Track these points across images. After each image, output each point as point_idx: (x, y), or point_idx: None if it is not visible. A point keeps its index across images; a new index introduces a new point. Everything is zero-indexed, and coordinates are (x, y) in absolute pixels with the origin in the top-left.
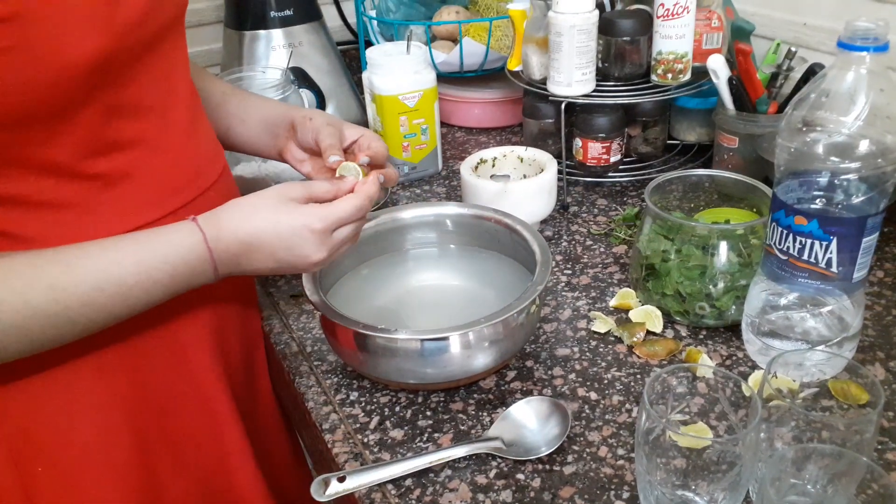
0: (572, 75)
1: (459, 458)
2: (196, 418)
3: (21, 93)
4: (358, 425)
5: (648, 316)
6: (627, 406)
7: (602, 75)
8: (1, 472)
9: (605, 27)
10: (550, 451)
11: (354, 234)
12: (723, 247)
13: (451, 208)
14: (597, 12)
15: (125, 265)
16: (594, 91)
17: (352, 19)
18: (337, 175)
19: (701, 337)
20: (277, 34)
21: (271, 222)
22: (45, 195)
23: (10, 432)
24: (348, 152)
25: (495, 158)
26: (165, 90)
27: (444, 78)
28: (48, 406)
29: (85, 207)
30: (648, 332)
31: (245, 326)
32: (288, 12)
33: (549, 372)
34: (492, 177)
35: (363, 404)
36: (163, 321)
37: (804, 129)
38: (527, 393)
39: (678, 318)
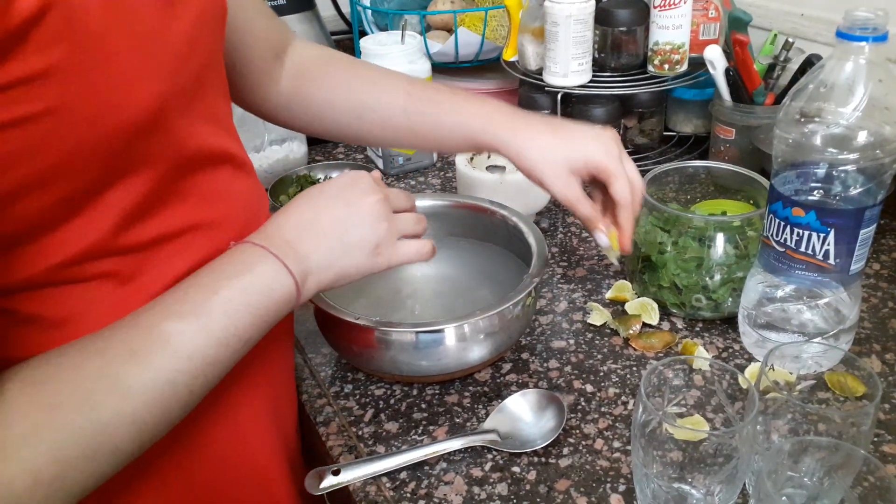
0: (568, 66)
1: (455, 451)
2: (253, 490)
3: (63, 163)
4: (352, 418)
5: (644, 308)
6: (623, 398)
7: (598, 66)
8: None
9: (602, 17)
10: (546, 443)
11: (415, 224)
12: (719, 239)
13: (447, 200)
14: (593, 2)
15: (214, 325)
16: (590, 82)
17: (345, 9)
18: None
19: (697, 329)
20: None
21: (307, 192)
22: (82, 272)
23: None
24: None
25: None
26: (220, 126)
27: (439, 68)
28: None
29: (122, 278)
30: (644, 325)
31: (288, 383)
32: (281, 1)
33: (545, 364)
34: (487, 168)
35: (358, 397)
36: (220, 389)
37: (802, 120)
38: (522, 385)
39: (674, 311)
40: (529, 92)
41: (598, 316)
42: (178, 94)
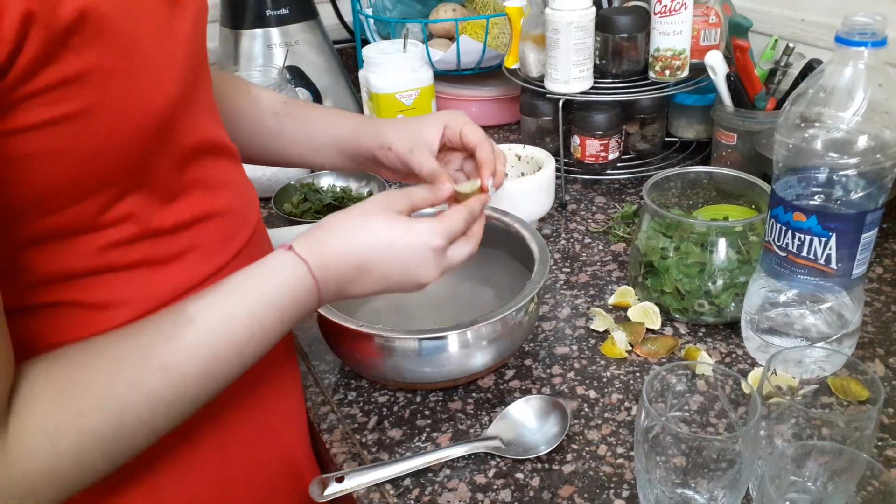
0: (570, 72)
1: (458, 458)
2: (284, 483)
3: (97, 160)
4: (356, 425)
5: (647, 313)
6: (626, 404)
7: (600, 72)
8: None
9: (603, 24)
10: (549, 450)
11: (470, 250)
12: (721, 244)
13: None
14: (594, 9)
15: (234, 322)
16: (592, 88)
17: (348, 17)
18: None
19: (700, 334)
20: (274, 33)
21: (386, 241)
22: (115, 259)
23: None
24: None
25: None
26: (215, 119)
27: (441, 76)
28: (134, 484)
29: (155, 262)
30: (648, 330)
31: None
32: (284, 11)
33: (548, 370)
34: None
35: (361, 404)
36: (248, 384)
37: (802, 124)
38: (525, 392)
39: (677, 316)
40: (531, 99)
41: (601, 322)
42: (185, 91)
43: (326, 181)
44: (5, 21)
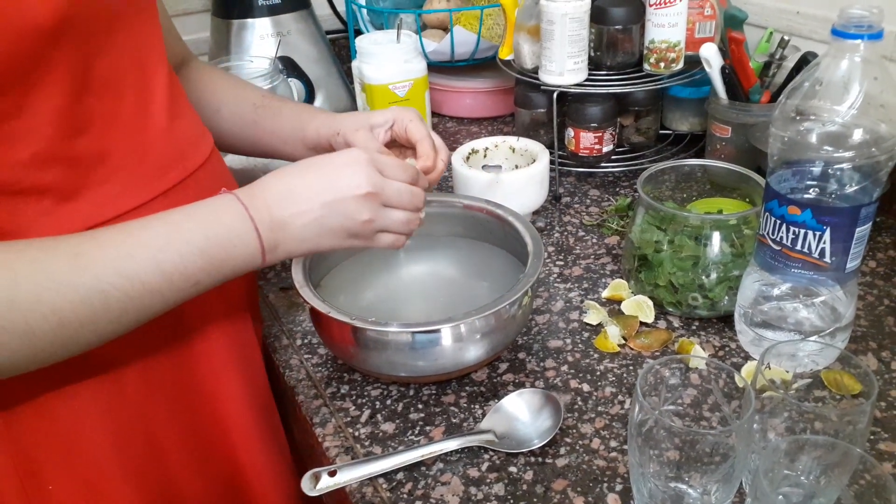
0: (564, 64)
1: (451, 452)
2: (205, 416)
3: None
4: (349, 419)
5: (640, 307)
6: (620, 398)
7: (594, 64)
8: (8, 494)
9: (598, 15)
10: (543, 443)
11: (404, 218)
12: (715, 237)
13: (442, 199)
14: (589, 0)
15: (164, 258)
16: (586, 80)
17: (341, 7)
18: None
19: (693, 328)
20: (265, 23)
21: (306, 161)
22: (18, 179)
23: (15, 451)
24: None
25: (487, 149)
26: (139, 68)
27: (434, 67)
28: (55, 417)
29: (63, 193)
30: (641, 324)
31: (245, 324)
32: (276, 0)
33: (542, 364)
34: (483, 167)
35: (354, 398)
36: (170, 317)
37: (797, 118)
38: (519, 385)
39: (671, 309)
40: (525, 90)
41: (595, 315)
42: (86, 14)
43: None
44: None
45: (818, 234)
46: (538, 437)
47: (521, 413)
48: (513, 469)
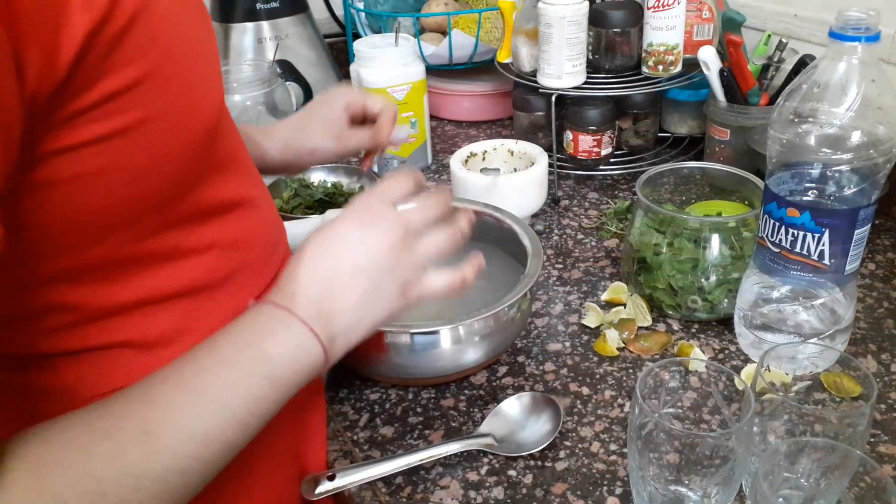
0: (562, 67)
1: (451, 455)
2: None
3: (152, 174)
4: (348, 423)
5: (639, 309)
6: (619, 401)
7: (592, 67)
8: None
9: (596, 18)
10: (542, 447)
11: (441, 238)
12: (715, 240)
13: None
14: (587, 3)
15: (234, 404)
16: (585, 83)
17: (339, 11)
18: None
19: (693, 331)
20: (264, 26)
21: (322, 237)
22: (163, 287)
23: None
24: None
25: (485, 152)
26: (237, 136)
27: (433, 70)
28: None
29: (202, 289)
30: (640, 327)
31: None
32: (274, 4)
33: (541, 367)
34: (482, 170)
35: (353, 401)
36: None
37: (796, 120)
38: (518, 388)
39: (670, 312)
40: (524, 94)
41: (594, 318)
42: (223, 102)
43: (318, 176)
44: (69, 32)
45: (817, 236)
46: (537, 441)
47: (520, 416)
48: (512, 473)
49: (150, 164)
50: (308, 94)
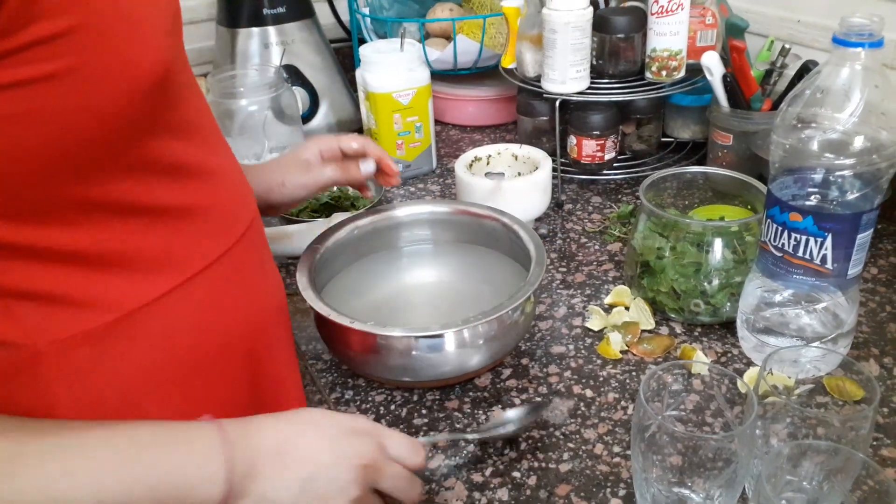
0: (566, 73)
1: (455, 457)
2: None
3: (86, 122)
4: None
5: (642, 313)
6: (623, 403)
7: (596, 73)
8: None
9: (600, 24)
10: (516, 429)
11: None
12: (717, 244)
13: (446, 206)
14: (591, 9)
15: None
16: (588, 88)
17: (345, 17)
18: None
19: (696, 334)
20: (270, 32)
21: (310, 416)
22: (106, 242)
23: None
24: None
25: (490, 156)
26: (201, 107)
27: (437, 75)
28: None
29: (155, 254)
30: (643, 330)
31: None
32: (280, 10)
33: (545, 370)
34: (486, 175)
35: (358, 403)
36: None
37: (799, 125)
38: (522, 390)
39: (673, 316)
40: (528, 99)
41: (598, 321)
42: (174, 57)
43: None
44: None
45: (820, 240)
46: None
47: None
48: (516, 474)
49: (83, 110)
50: (314, 99)
